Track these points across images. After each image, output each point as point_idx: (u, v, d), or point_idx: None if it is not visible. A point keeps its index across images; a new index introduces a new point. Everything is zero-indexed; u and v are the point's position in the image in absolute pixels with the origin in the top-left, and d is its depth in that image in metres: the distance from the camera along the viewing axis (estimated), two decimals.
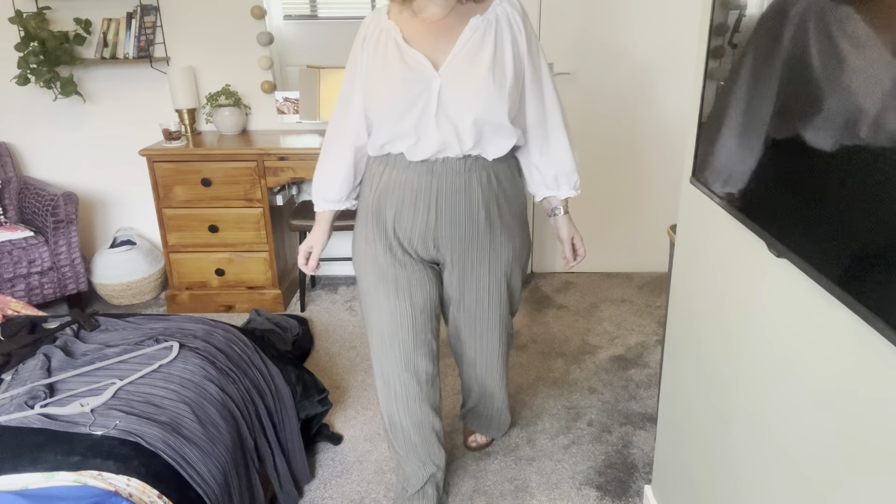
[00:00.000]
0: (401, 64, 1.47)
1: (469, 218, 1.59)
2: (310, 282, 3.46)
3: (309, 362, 2.74)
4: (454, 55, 1.47)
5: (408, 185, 1.56)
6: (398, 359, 1.68)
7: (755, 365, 1.18)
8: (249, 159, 2.95)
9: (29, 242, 2.94)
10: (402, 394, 1.71)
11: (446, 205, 1.57)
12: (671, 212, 3.43)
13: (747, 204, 1.14)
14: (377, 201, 1.61)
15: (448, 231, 1.60)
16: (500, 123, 1.50)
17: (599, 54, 3.20)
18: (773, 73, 1.02)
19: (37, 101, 3.30)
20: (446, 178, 1.55)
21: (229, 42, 3.19)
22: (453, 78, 1.46)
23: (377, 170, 1.61)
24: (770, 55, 1.05)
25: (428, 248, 1.64)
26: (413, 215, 1.58)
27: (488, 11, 1.49)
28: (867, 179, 0.80)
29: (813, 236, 0.92)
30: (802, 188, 0.95)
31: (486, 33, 1.48)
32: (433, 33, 1.49)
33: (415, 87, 1.46)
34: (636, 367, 2.66)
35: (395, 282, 1.64)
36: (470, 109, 1.47)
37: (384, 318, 1.67)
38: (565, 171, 1.66)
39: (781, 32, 1.00)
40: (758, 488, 1.17)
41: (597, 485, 2.03)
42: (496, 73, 1.47)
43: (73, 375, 1.65)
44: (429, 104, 1.47)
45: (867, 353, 0.84)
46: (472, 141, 1.50)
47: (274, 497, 1.94)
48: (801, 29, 0.94)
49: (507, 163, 1.62)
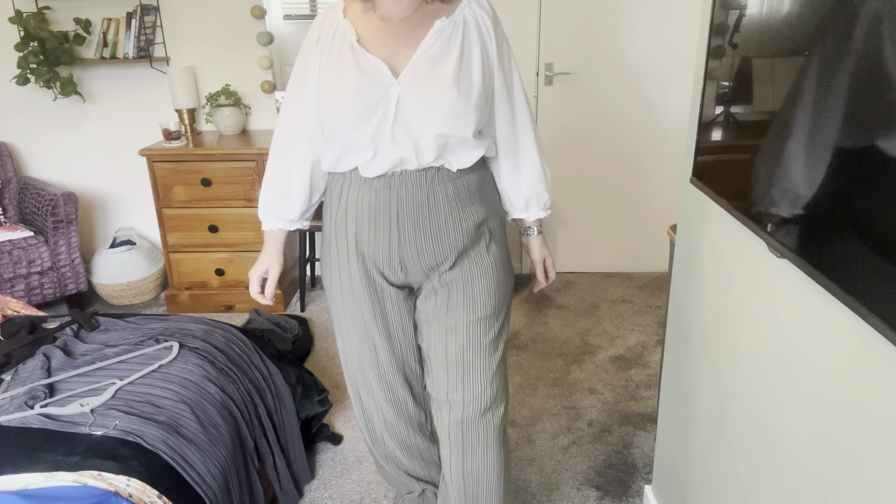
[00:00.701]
0: (355, 69, 1.31)
1: (435, 233, 1.40)
2: (309, 282, 3.46)
3: (309, 362, 2.74)
4: (416, 60, 1.31)
5: (364, 203, 1.39)
6: (378, 390, 1.56)
7: (755, 365, 1.18)
8: (249, 159, 2.95)
9: (29, 242, 2.94)
10: (382, 426, 1.62)
11: (409, 222, 1.39)
12: (671, 212, 3.43)
13: (750, 204, 1.14)
14: (337, 225, 1.45)
15: (414, 252, 1.41)
16: (464, 138, 1.34)
17: (599, 54, 3.20)
18: (842, 78, 1.01)
19: (37, 101, 3.30)
20: (405, 193, 1.37)
21: (229, 42, 3.19)
22: (414, 86, 1.30)
23: (334, 191, 1.45)
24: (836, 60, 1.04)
25: (396, 273, 1.44)
26: (374, 237, 1.41)
27: (455, 13, 1.34)
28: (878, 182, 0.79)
29: (814, 236, 0.92)
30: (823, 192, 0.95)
31: (452, 37, 1.33)
32: (394, 35, 1.34)
33: (370, 96, 1.30)
34: (636, 367, 2.66)
35: (368, 311, 1.48)
36: (431, 122, 1.31)
37: (354, 355, 1.53)
38: (535, 192, 1.50)
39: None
40: (758, 488, 1.17)
41: (597, 485, 2.03)
42: (461, 81, 1.31)
43: (72, 375, 1.65)
44: (386, 115, 1.32)
45: (867, 353, 0.84)
46: (434, 154, 1.34)
47: (274, 497, 1.94)
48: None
49: (477, 172, 1.44)
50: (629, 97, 3.28)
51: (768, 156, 1.05)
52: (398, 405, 1.58)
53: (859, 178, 0.81)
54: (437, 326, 1.48)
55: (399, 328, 1.51)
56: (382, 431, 1.64)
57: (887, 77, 0.75)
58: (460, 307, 1.46)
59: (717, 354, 1.36)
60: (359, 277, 1.46)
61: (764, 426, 1.14)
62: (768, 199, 1.06)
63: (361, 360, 1.53)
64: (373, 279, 1.46)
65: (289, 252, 3.39)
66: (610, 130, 3.34)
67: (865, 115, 0.79)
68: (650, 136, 3.34)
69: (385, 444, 1.66)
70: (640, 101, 3.28)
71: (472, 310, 1.45)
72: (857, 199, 0.82)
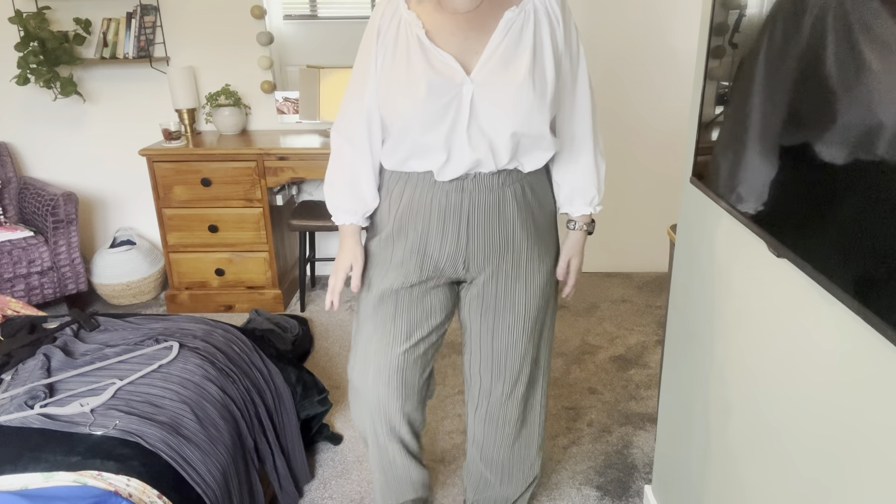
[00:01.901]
0: (426, 66, 1.24)
1: (503, 236, 1.39)
2: (309, 282, 3.46)
3: (309, 362, 2.74)
4: (488, 56, 1.24)
5: (434, 205, 1.35)
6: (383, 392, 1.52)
7: (755, 364, 1.18)
8: (249, 159, 2.95)
9: (29, 242, 2.94)
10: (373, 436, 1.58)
11: (478, 224, 1.37)
12: (671, 212, 3.43)
13: (751, 207, 1.14)
14: (398, 224, 1.40)
15: (480, 252, 1.40)
16: (540, 135, 1.29)
17: (599, 54, 3.20)
18: (786, 75, 1.01)
19: (37, 101, 3.30)
20: (478, 196, 1.34)
21: (229, 42, 3.19)
22: (487, 84, 1.24)
23: (395, 188, 1.40)
24: (783, 56, 1.04)
25: (457, 269, 1.43)
26: (441, 239, 1.38)
27: (525, 2, 1.26)
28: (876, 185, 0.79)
29: (815, 237, 0.92)
30: (811, 193, 0.95)
31: (523, 29, 1.25)
32: (462, 29, 1.25)
33: (444, 96, 1.23)
34: (636, 367, 2.66)
35: (402, 315, 1.46)
36: (507, 121, 1.25)
37: (376, 355, 1.49)
38: (582, 186, 1.46)
39: (797, 30, 1.00)
40: (757, 488, 1.17)
41: (597, 485, 2.03)
42: (536, 77, 1.25)
43: (72, 375, 1.65)
44: (459, 115, 1.25)
45: (867, 353, 0.84)
46: (509, 156, 1.30)
47: (274, 497, 1.94)
48: (818, 28, 0.94)
49: (540, 172, 1.42)
50: (629, 97, 3.28)
51: (768, 155, 1.06)
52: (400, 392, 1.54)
53: (859, 178, 0.81)
54: (485, 317, 1.49)
55: (426, 329, 1.49)
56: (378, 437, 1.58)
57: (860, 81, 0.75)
58: (510, 303, 1.47)
59: (716, 354, 1.36)
60: (411, 274, 1.42)
61: (764, 426, 1.14)
62: (768, 199, 1.06)
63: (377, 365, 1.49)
64: (424, 276, 1.43)
65: (289, 252, 3.39)
66: (609, 130, 3.34)
67: (859, 118, 0.80)
68: (650, 136, 3.34)
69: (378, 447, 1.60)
70: (640, 102, 3.28)
71: (528, 294, 1.47)
72: (857, 198, 0.82)
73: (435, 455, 2.16)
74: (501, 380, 1.54)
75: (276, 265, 3.14)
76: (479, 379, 1.56)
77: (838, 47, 0.85)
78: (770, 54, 1.05)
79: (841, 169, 0.85)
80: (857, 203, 0.82)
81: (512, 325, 1.49)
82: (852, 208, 0.83)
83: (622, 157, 3.38)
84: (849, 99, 0.82)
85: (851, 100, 0.82)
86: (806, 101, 0.93)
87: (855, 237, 0.82)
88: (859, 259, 0.81)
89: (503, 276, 1.44)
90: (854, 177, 0.82)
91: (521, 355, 1.52)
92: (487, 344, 1.52)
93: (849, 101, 0.82)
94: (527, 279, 1.46)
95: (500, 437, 1.61)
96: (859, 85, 0.80)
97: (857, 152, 0.81)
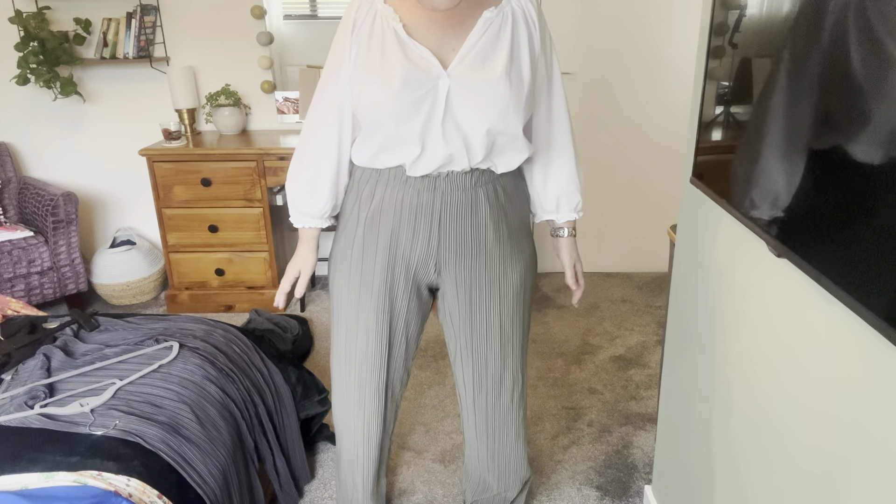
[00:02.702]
0: (402, 58, 1.24)
1: (475, 237, 1.39)
2: (310, 281, 3.46)
3: (309, 362, 2.74)
4: (465, 52, 1.25)
5: (406, 203, 1.35)
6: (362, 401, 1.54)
7: (755, 364, 1.18)
8: (249, 159, 2.95)
9: (29, 242, 2.94)
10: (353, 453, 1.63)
11: (450, 223, 1.36)
12: (671, 212, 3.43)
13: (752, 206, 1.14)
14: (368, 225, 1.39)
15: (452, 253, 1.39)
16: (514, 135, 1.30)
17: (599, 54, 3.20)
18: (804, 77, 1.01)
19: (37, 101, 3.30)
20: (451, 195, 1.34)
21: (229, 42, 3.19)
22: (464, 79, 1.24)
23: (366, 188, 1.38)
24: (803, 60, 1.04)
25: (429, 273, 1.42)
26: (412, 238, 1.37)
27: (503, 3, 1.28)
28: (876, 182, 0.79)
29: (815, 237, 0.92)
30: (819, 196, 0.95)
31: (501, 29, 1.27)
32: (440, 26, 1.27)
33: (419, 88, 1.23)
34: (636, 367, 2.66)
35: (377, 320, 1.44)
36: (483, 117, 1.26)
37: (355, 361, 1.48)
38: (567, 192, 1.46)
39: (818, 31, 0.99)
40: (758, 488, 1.17)
41: (597, 485, 2.03)
42: (513, 76, 1.26)
43: (72, 375, 1.65)
44: (435, 109, 1.25)
45: (867, 353, 0.84)
46: (483, 153, 1.30)
47: (274, 497, 1.94)
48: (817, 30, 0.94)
49: (514, 175, 1.43)
50: (629, 97, 3.28)
51: (767, 155, 1.06)
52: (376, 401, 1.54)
53: (859, 178, 0.81)
54: (462, 325, 1.48)
55: (403, 334, 1.48)
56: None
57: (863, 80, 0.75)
58: (484, 309, 1.46)
59: (717, 354, 1.36)
60: (382, 279, 1.41)
61: (764, 425, 1.14)
62: (768, 199, 1.06)
63: (359, 355, 1.49)
64: (396, 281, 1.42)
65: (289, 252, 3.39)
66: (610, 130, 3.34)
67: (851, 118, 0.80)
68: (650, 136, 3.34)
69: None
70: (640, 101, 3.28)
71: (503, 297, 1.46)
72: (857, 198, 0.82)
73: (435, 455, 2.16)
74: (484, 388, 1.54)
75: (276, 265, 3.14)
76: (463, 386, 1.56)
77: (850, 50, 0.85)
78: (793, 56, 1.05)
79: (849, 169, 0.85)
80: (857, 202, 0.82)
81: (487, 334, 1.48)
82: (853, 207, 0.83)
83: (622, 157, 3.38)
84: (876, 99, 0.83)
85: (877, 100, 0.82)
86: (822, 103, 0.93)
87: (855, 236, 0.82)
88: (859, 258, 0.81)
89: (475, 282, 1.44)
90: (860, 177, 0.82)
91: (500, 362, 1.51)
92: (468, 352, 1.51)
93: (877, 100, 0.83)
94: (501, 283, 1.45)
95: (491, 443, 1.62)
96: (884, 84, 0.80)
97: (868, 154, 0.82)
